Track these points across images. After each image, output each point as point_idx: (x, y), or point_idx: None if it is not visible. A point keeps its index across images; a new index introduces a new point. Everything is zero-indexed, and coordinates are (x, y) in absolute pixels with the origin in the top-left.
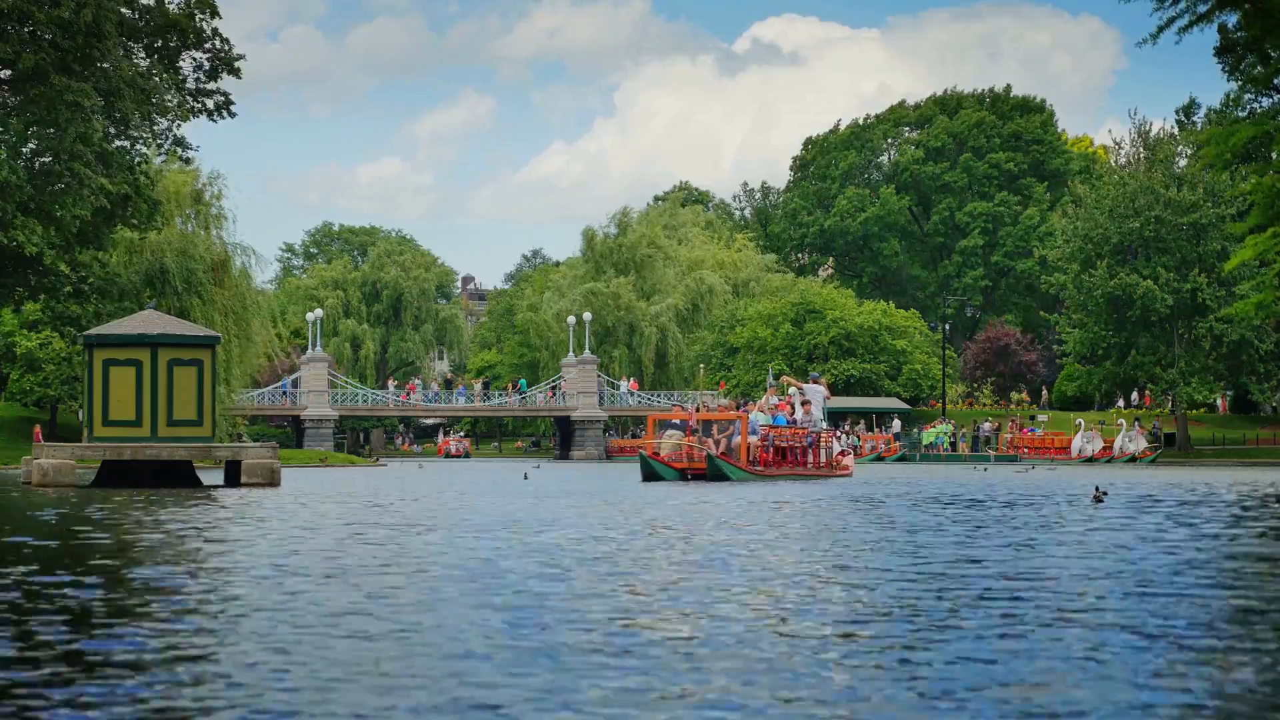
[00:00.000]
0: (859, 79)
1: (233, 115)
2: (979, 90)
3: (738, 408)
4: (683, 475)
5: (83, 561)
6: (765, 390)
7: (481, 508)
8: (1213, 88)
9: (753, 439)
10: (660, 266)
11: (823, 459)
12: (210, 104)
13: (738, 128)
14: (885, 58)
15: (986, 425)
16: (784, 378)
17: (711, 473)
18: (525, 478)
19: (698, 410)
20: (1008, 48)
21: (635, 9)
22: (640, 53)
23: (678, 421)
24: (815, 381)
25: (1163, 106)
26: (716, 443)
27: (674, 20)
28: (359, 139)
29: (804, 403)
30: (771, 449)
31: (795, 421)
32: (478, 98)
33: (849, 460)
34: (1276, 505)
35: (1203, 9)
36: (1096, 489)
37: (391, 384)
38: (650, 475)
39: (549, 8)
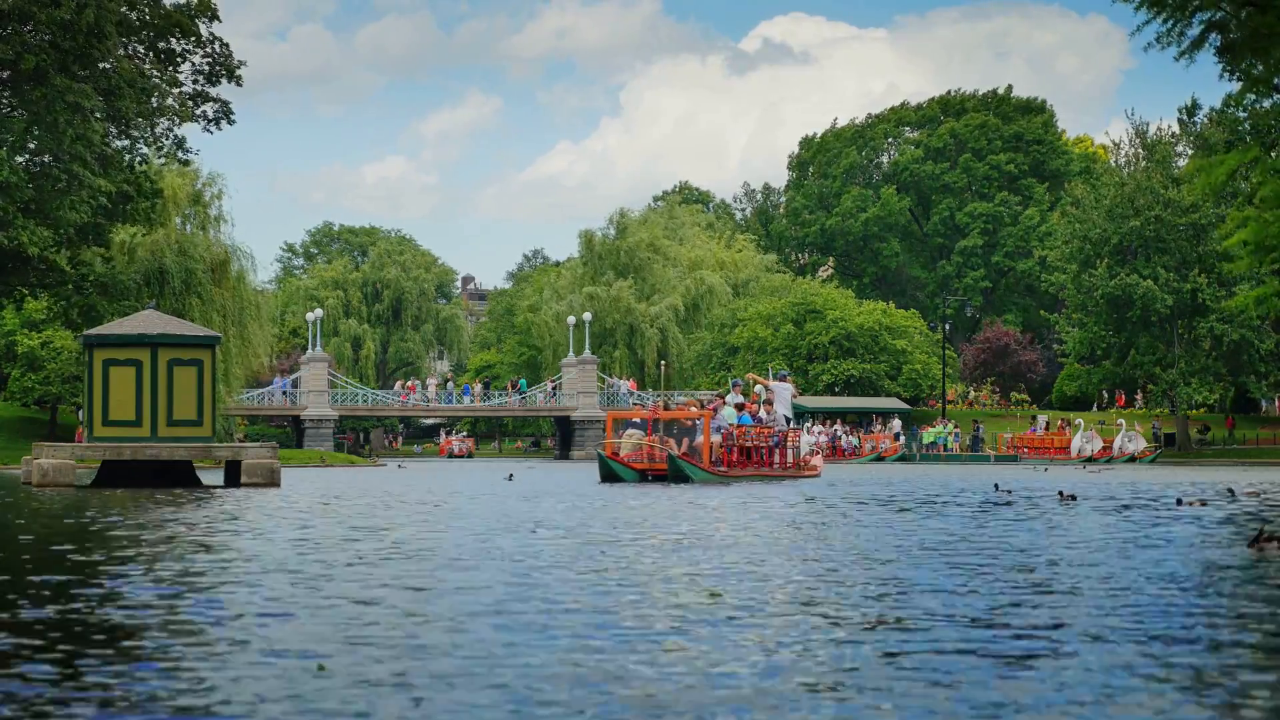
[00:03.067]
0: (866, 78)
1: (231, 123)
2: (981, 92)
3: (702, 406)
4: (643, 476)
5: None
6: (731, 388)
7: (416, 512)
8: (1221, 87)
9: (715, 439)
10: (659, 268)
11: (790, 459)
12: (210, 111)
13: (743, 127)
14: (892, 57)
15: (1043, 419)
16: (750, 375)
17: (673, 474)
18: (509, 478)
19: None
20: (1015, 47)
21: (645, 9)
22: (650, 52)
23: (638, 420)
24: (783, 380)
25: (1171, 106)
26: (679, 443)
27: (684, 20)
28: (365, 138)
29: (766, 402)
30: (735, 449)
31: (762, 420)
32: (484, 97)
33: (818, 460)
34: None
35: (1194, 34)
36: (1060, 492)
37: (396, 385)
38: (609, 476)
39: (558, 7)
